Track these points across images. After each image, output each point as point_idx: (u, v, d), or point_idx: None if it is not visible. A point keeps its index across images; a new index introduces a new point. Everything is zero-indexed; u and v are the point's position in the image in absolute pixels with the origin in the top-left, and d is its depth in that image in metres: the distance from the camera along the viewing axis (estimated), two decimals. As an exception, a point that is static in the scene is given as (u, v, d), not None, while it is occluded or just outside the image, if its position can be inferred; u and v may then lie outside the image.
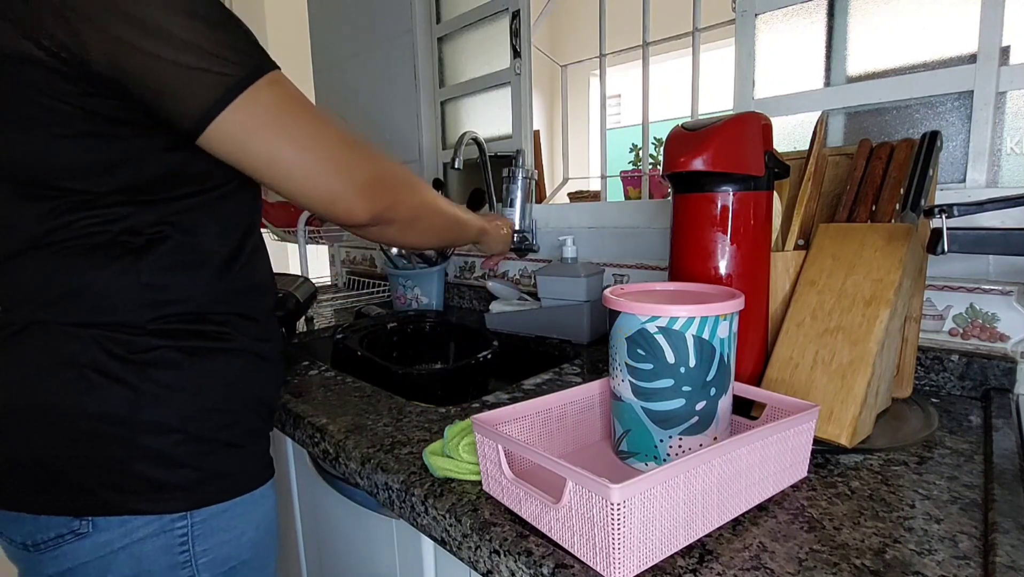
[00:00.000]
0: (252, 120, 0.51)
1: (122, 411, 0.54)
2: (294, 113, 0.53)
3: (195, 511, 0.57)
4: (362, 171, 0.57)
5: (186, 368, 0.57)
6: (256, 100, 0.51)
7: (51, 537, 0.54)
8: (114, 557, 0.55)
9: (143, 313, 0.55)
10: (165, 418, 0.56)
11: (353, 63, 1.81)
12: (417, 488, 0.55)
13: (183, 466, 0.57)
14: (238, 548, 0.62)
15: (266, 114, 0.52)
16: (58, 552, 0.55)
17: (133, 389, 0.54)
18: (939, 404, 0.72)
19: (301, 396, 0.82)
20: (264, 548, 0.65)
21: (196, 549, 0.58)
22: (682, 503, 0.43)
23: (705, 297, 0.55)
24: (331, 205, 0.57)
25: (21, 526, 0.55)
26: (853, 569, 0.41)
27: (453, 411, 0.74)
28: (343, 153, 0.56)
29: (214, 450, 0.59)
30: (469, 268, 1.53)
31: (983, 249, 0.57)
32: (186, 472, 0.57)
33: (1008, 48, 0.74)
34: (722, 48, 2.40)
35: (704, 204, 0.66)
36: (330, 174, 0.55)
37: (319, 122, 0.55)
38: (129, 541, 0.55)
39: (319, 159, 0.54)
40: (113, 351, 0.54)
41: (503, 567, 0.46)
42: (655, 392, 0.52)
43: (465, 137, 1.21)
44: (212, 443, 0.59)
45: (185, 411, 0.57)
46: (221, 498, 0.59)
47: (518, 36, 1.34)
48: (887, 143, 0.70)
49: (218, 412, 0.59)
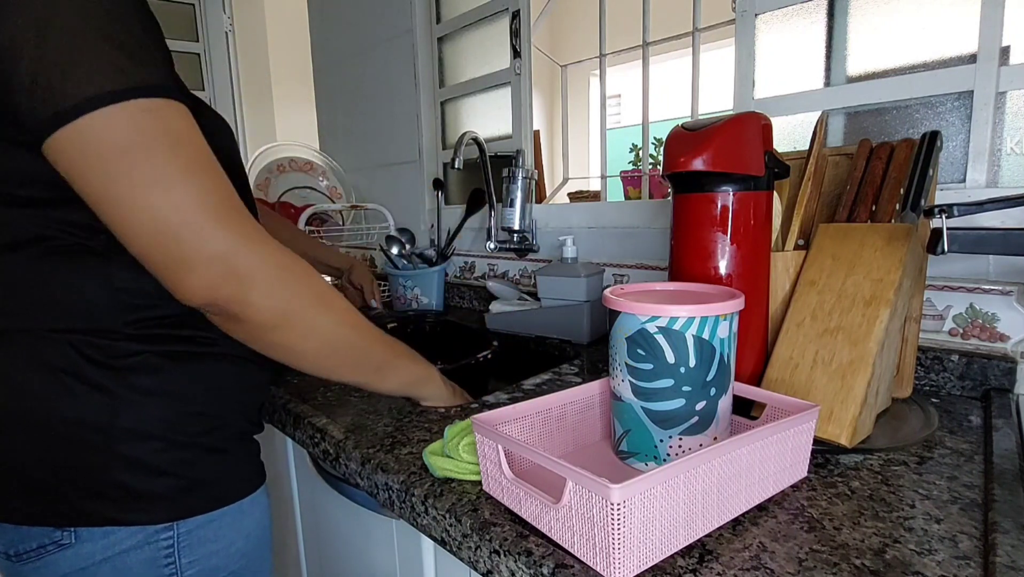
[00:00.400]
0: (97, 145, 0.44)
1: (100, 417, 0.53)
2: (155, 152, 0.46)
3: (181, 521, 0.56)
4: (214, 242, 0.48)
5: (168, 373, 0.55)
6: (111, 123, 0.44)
7: (33, 547, 0.53)
8: (97, 569, 0.54)
9: (120, 317, 0.54)
10: (145, 425, 0.54)
11: (353, 63, 1.81)
12: (417, 488, 0.55)
13: (165, 474, 0.55)
14: (227, 559, 0.60)
15: (116, 144, 0.45)
16: (40, 563, 0.53)
17: (111, 395, 0.53)
18: (939, 404, 0.72)
19: (301, 396, 0.82)
20: (255, 558, 0.64)
21: (182, 561, 0.57)
22: (682, 503, 0.43)
23: (705, 297, 0.55)
24: (164, 272, 0.48)
25: (3, 535, 0.54)
26: (853, 569, 0.41)
27: (453, 411, 0.74)
28: (198, 216, 0.47)
29: (196, 457, 0.57)
30: (469, 268, 1.53)
31: (983, 249, 0.57)
32: (169, 480, 0.55)
33: (1008, 48, 0.74)
34: (722, 48, 2.40)
35: (704, 204, 0.66)
36: (170, 236, 0.47)
37: (188, 173, 0.47)
38: (112, 553, 0.54)
39: (162, 214, 0.46)
40: (91, 356, 0.53)
41: (503, 567, 0.46)
42: (655, 392, 0.52)
43: (465, 137, 1.21)
44: (194, 449, 0.57)
45: (166, 417, 0.55)
46: (208, 507, 0.58)
47: (518, 36, 1.34)
48: (887, 143, 0.70)
49: (201, 417, 0.58)
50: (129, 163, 0.45)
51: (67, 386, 0.52)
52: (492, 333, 1.14)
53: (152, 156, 0.46)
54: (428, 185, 1.61)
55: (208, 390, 0.58)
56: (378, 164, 1.79)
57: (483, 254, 1.48)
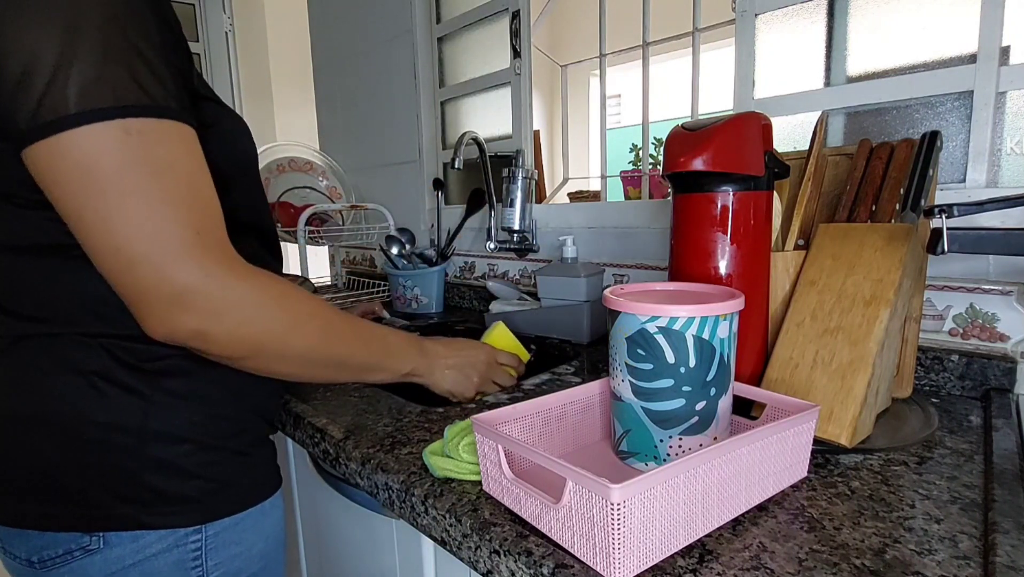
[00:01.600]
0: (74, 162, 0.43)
1: (133, 421, 0.52)
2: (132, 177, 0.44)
3: (209, 524, 0.56)
4: (175, 279, 0.46)
5: (197, 376, 0.55)
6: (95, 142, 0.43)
7: (59, 553, 0.52)
8: (125, 574, 0.53)
9: None
10: (176, 428, 0.54)
11: (353, 63, 1.81)
12: (417, 488, 0.55)
13: (195, 477, 0.55)
14: (248, 561, 0.60)
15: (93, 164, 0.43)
16: (65, 569, 0.53)
17: (144, 398, 0.53)
18: (939, 404, 0.72)
19: (301, 396, 0.82)
20: (273, 559, 0.64)
21: (209, 564, 0.56)
22: (682, 503, 0.43)
23: (705, 297, 0.55)
24: (126, 300, 0.48)
25: (26, 541, 0.53)
26: (853, 569, 0.41)
27: (453, 411, 0.74)
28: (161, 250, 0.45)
29: (224, 459, 0.57)
30: (469, 268, 1.53)
31: (983, 249, 0.57)
32: (198, 483, 0.55)
33: (1008, 48, 0.74)
34: (722, 48, 2.40)
35: (704, 204, 0.66)
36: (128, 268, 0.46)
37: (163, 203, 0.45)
38: (142, 557, 0.53)
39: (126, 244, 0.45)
40: (123, 359, 0.52)
41: (503, 567, 0.46)
42: (655, 392, 0.52)
43: (465, 137, 1.21)
44: (222, 452, 0.57)
45: (195, 420, 0.55)
46: (234, 509, 0.58)
47: (518, 36, 1.34)
48: (887, 143, 0.70)
49: (227, 420, 0.58)
50: (102, 185, 0.44)
51: (100, 389, 0.52)
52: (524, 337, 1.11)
53: (127, 181, 0.44)
54: (428, 185, 1.61)
55: (232, 393, 0.59)
56: (378, 164, 1.79)
57: (483, 254, 1.48)
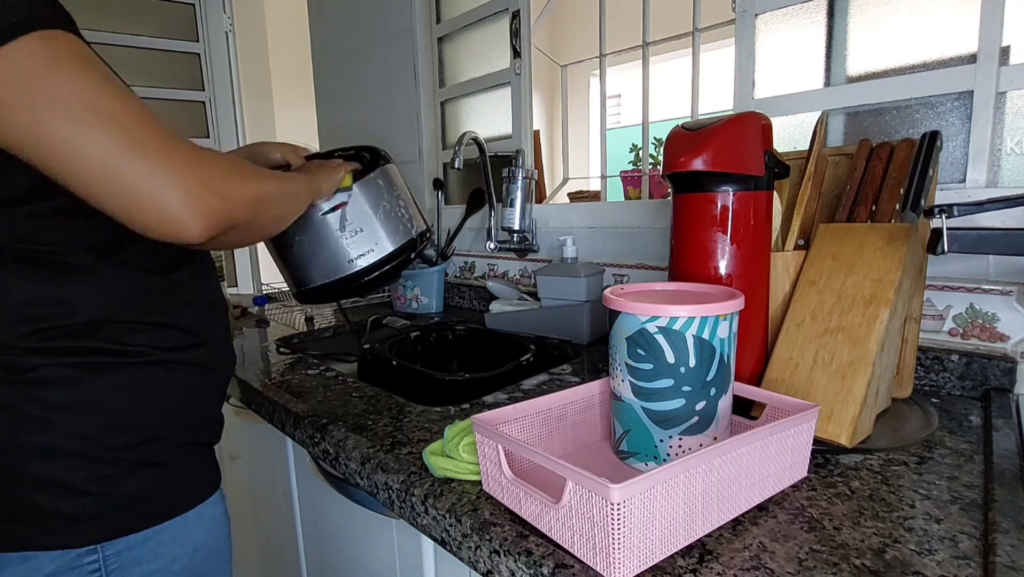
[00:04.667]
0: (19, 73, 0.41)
1: (2, 437, 0.50)
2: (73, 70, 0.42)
3: (107, 543, 0.52)
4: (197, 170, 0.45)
5: (83, 385, 0.52)
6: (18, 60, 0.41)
7: None
8: None
9: (16, 330, 0.51)
10: (54, 441, 0.51)
11: (353, 63, 1.81)
12: (417, 488, 0.55)
13: (85, 494, 0.52)
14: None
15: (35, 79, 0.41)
16: None
17: (13, 412, 0.50)
18: (939, 404, 0.72)
19: (301, 396, 0.82)
20: (207, 571, 0.61)
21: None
22: (682, 503, 0.43)
23: (705, 297, 0.55)
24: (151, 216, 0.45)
25: None
26: (853, 569, 0.41)
27: (453, 411, 0.74)
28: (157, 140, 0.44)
29: (125, 472, 0.53)
30: (469, 268, 1.53)
31: (983, 249, 0.57)
32: (91, 500, 0.52)
33: (1008, 48, 0.74)
34: (722, 48, 2.40)
35: (704, 204, 0.66)
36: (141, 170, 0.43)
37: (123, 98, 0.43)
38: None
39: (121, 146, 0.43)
40: None
41: (503, 567, 0.46)
42: (655, 392, 0.52)
43: (465, 137, 1.21)
44: (122, 464, 0.53)
45: (83, 432, 0.52)
46: (140, 525, 0.54)
47: (518, 36, 1.34)
48: (887, 143, 0.70)
49: (128, 429, 0.54)
50: (53, 85, 0.42)
51: None
52: (525, 338, 1.11)
53: (72, 75, 0.43)
54: (428, 185, 1.61)
55: (137, 400, 0.55)
56: (378, 164, 1.79)
57: (483, 254, 1.48)
